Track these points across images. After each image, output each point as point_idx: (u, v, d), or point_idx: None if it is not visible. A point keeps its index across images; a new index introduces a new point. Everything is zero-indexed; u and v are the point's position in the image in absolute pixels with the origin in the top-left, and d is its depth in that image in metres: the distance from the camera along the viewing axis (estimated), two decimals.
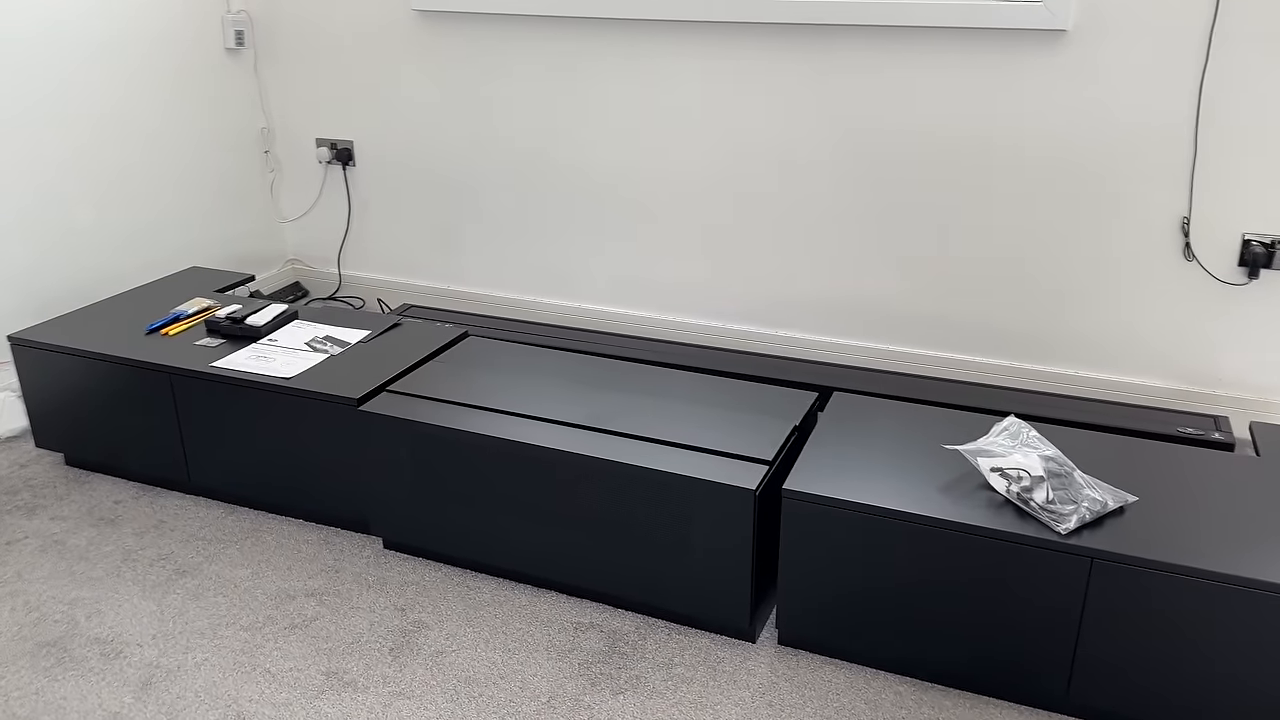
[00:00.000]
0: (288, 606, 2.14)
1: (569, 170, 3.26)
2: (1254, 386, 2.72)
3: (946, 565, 1.80)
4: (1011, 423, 1.96)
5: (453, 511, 2.17)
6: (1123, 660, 1.74)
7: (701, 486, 1.91)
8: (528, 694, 1.89)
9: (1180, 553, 1.67)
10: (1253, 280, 2.65)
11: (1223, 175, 2.59)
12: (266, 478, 2.40)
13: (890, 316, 3.02)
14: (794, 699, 1.87)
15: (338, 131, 3.58)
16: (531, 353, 2.47)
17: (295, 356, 2.43)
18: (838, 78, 2.85)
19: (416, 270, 3.63)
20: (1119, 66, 2.60)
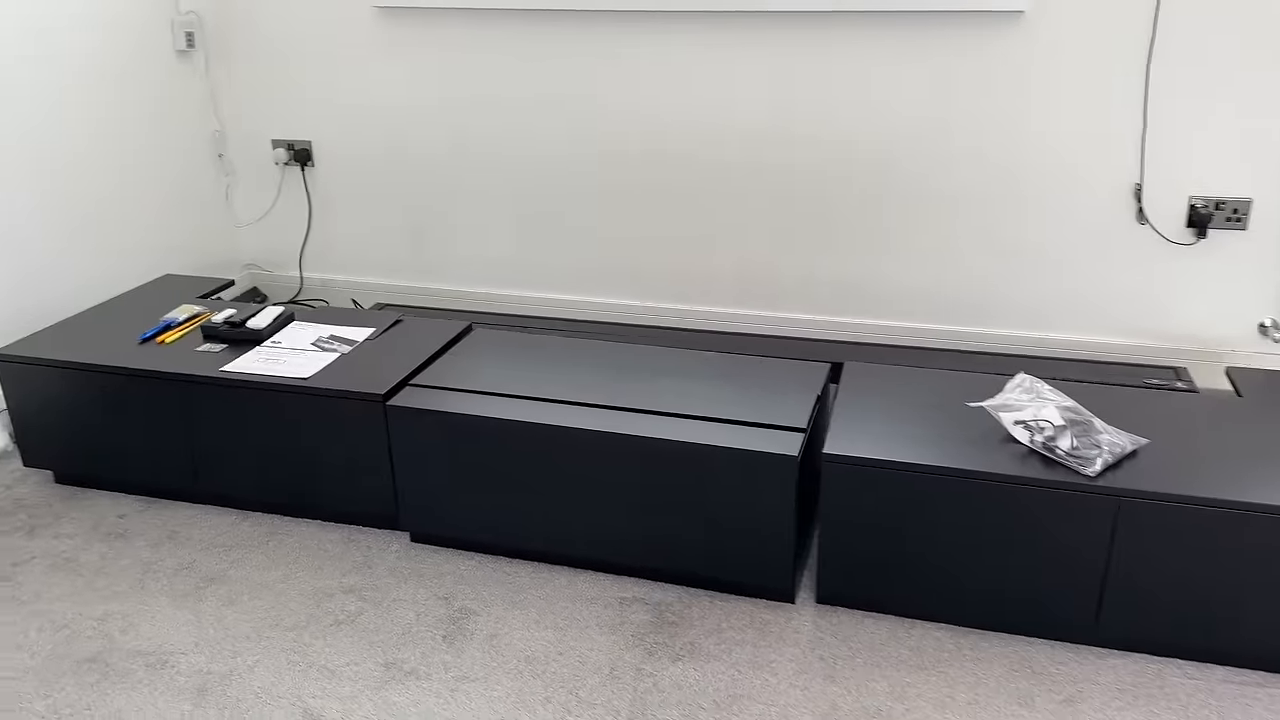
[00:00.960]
0: (328, 604, 2.14)
1: (533, 162, 3.29)
2: (1206, 338, 2.94)
3: (980, 515, 1.91)
4: (1024, 378, 2.09)
5: (486, 500, 2.20)
6: (1148, 592, 1.88)
7: (743, 456, 1.99)
8: (589, 668, 1.94)
9: (1198, 486, 1.82)
10: (1200, 240, 2.86)
11: (1170, 143, 2.79)
12: (282, 480, 2.38)
13: (867, 292, 3.15)
14: (843, 651, 1.97)
15: (295, 132, 3.54)
16: (539, 340, 2.51)
17: (306, 357, 2.42)
18: (808, 63, 2.95)
19: (382, 269, 3.61)
20: (1073, 44, 2.76)
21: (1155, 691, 1.86)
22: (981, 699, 1.85)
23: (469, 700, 1.87)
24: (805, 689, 1.88)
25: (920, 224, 3.03)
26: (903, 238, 3.06)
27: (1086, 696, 1.85)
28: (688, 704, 1.85)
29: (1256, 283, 2.85)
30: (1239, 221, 2.81)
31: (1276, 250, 2.81)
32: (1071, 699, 1.85)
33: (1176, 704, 1.83)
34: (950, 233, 3.02)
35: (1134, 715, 1.81)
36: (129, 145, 3.19)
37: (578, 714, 1.83)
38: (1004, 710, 1.83)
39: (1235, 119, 2.72)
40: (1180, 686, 1.87)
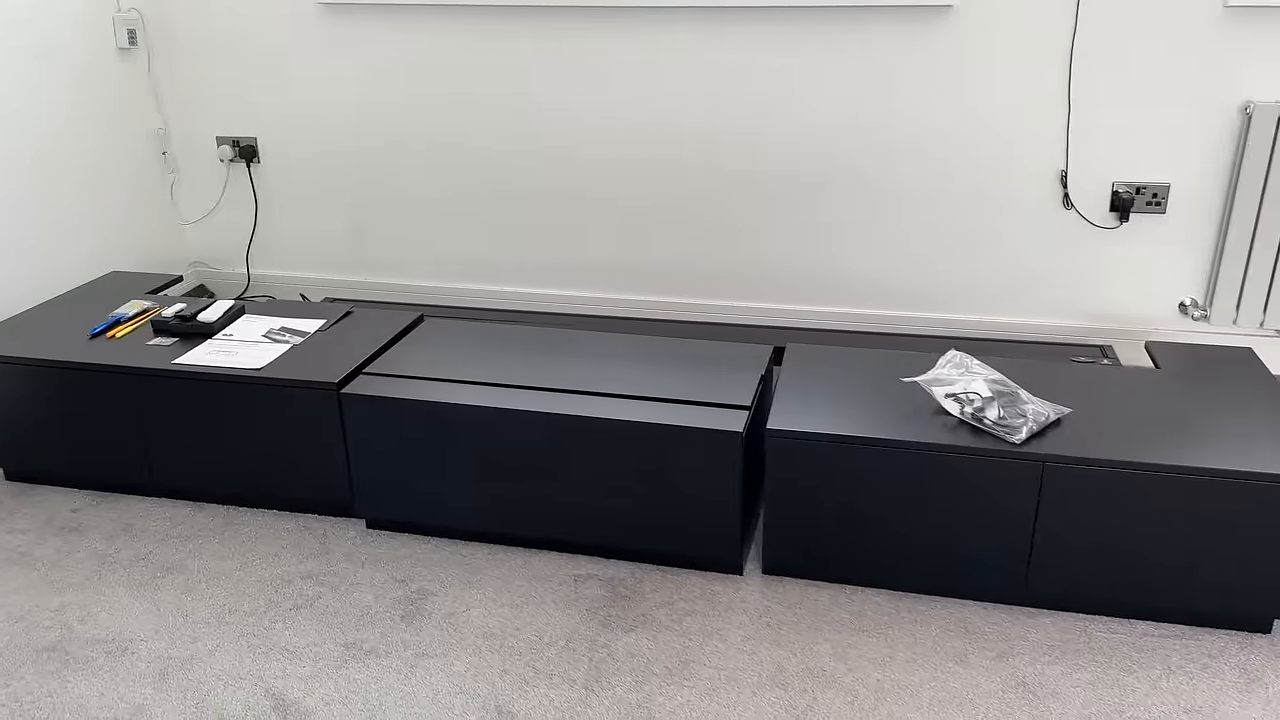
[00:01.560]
0: (286, 590, 2.18)
1: (476, 157, 3.34)
2: (1131, 317, 3.08)
3: (914, 484, 2.01)
4: (954, 354, 2.19)
5: (441, 484, 2.25)
6: (1073, 553, 1.99)
7: (689, 434, 2.07)
8: (546, 640, 2.00)
9: (1117, 450, 1.94)
10: (1123, 224, 3.00)
11: (1093, 132, 2.92)
12: (236, 471, 2.41)
13: (808, 280, 3.24)
14: (788, 617, 2.06)
15: (239, 129, 3.55)
16: (491, 328, 2.56)
17: (257, 349, 2.45)
18: (744, 58, 3.04)
19: (329, 264, 3.64)
20: (1000, 37, 2.88)
21: (1081, 646, 1.98)
22: (919, 657, 1.95)
23: (428, 675, 1.92)
24: (752, 653, 1.96)
25: (857, 214, 3.14)
26: (840, 227, 3.16)
27: (1017, 652, 1.96)
28: (641, 671, 1.92)
29: (1176, 263, 3.00)
30: (1159, 205, 2.95)
31: (1194, 232, 2.96)
32: (1003, 655, 1.95)
33: (1101, 657, 1.95)
34: (885, 221, 3.13)
35: (1061, 668, 1.92)
36: (70, 144, 3.18)
37: (535, 684, 1.89)
38: (940, 667, 1.93)
39: (1153, 107, 2.86)
40: (1104, 641, 1.99)
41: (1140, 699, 1.84)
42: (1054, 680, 1.89)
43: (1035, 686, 1.87)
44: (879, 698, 1.85)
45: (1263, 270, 2.90)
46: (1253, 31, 2.74)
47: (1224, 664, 1.92)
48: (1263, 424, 2.03)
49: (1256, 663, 1.92)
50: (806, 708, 1.83)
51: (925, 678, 1.90)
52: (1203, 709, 1.82)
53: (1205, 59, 2.79)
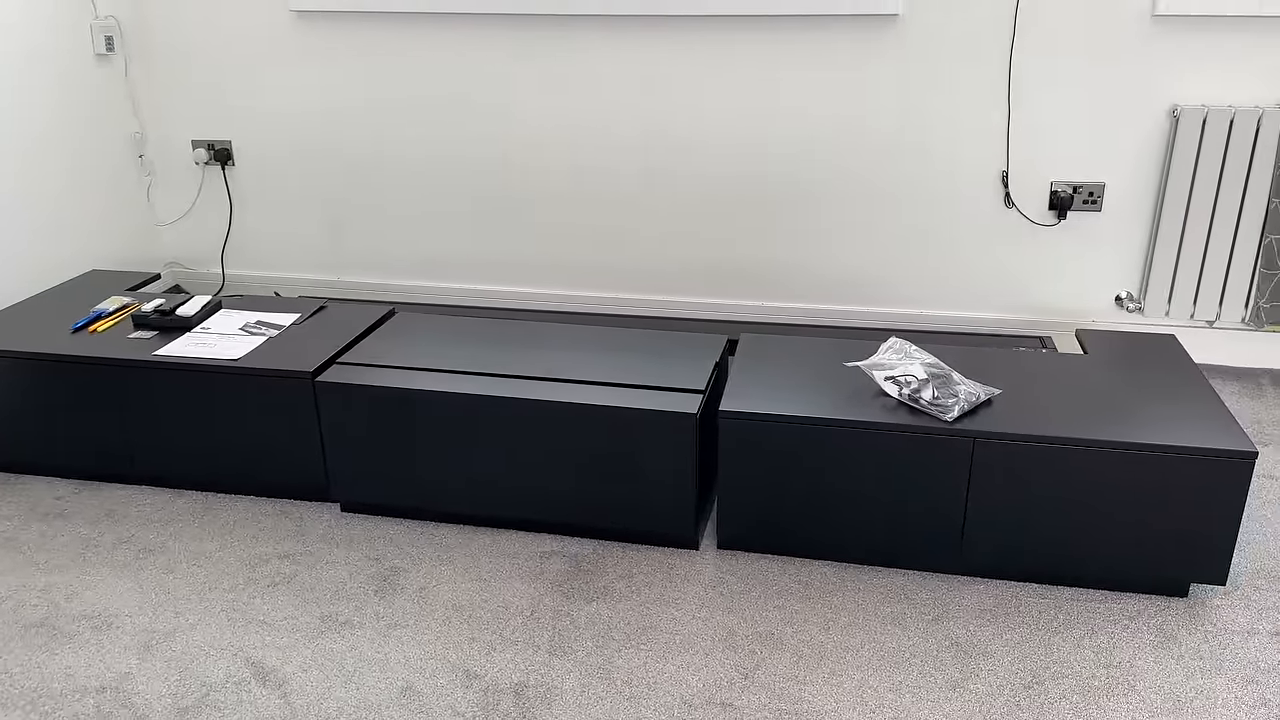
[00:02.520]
0: (264, 569, 2.29)
1: (447, 161, 3.46)
2: (1070, 310, 3.24)
3: (857, 461, 2.15)
4: (895, 341, 2.34)
5: (412, 468, 2.37)
6: (1003, 524, 2.14)
7: (647, 417, 2.20)
8: (512, 611, 2.13)
9: (1043, 427, 2.09)
10: (1061, 221, 3.16)
11: (1032, 133, 3.08)
12: (216, 458, 2.52)
13: (763, 277, 3.39)
14: (740, 588, 2.19)
15: (215, 132, 3.65)
16: (459, 321, 2.68)
17: (235, 341, 2.56)
18: (701, 66, 3.19)
19: (303, 264, 3.74)
20: (944, 44, 3.04)
21: (1011, 610, 2.12)
22: (859, 621, 2.09)
23: (400, 644, 2.04)
24: (706, 620, 2.09)
25: (807, 213, 3.28)
26: (795, 226, 3.31)
27: (951, 616, 2.10)
28: (601, 636, 2.04)
29: (1112, 258, 3.16)
30: (1094, 204, 3.12)
31: (1128, 229, 3.13)
32: (938, 618, 2.10)
33: (1029, 619, 2.09)
34: (834, 220, 3.28)
35: (992, 630, 2.06)
36: (49, 148, 3.27)
37: (501, 650, 2.02)
38: (879, 629, 2.07)
39: (1088, 111, 3.03)
40: (1033, 605, 2.14)
41: (1064, 656, 1.99)
42: (985, 641, 2.03)
43: (967, 646, 2.02)
44: (821, 657, 1.99)
45: (1192, 264, 3.07)
46: (1179, 39, 2.92)
47: (1142, 625, 2.07)
48: (1180, 403, 2.18)
49: (1172, 624, 2.08)
50: (754, 667, 1.96)
51: (865, 639, 2.04)
52: (1121, 665, 1.97)
53: (1136, 65, 2.96)
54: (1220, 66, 2.92)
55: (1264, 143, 2.91)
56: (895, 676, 1.94)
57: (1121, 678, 1.93)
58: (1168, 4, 2.87)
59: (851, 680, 1.93)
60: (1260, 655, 1.98)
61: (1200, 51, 2.92)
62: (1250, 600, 2.14)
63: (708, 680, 1.93)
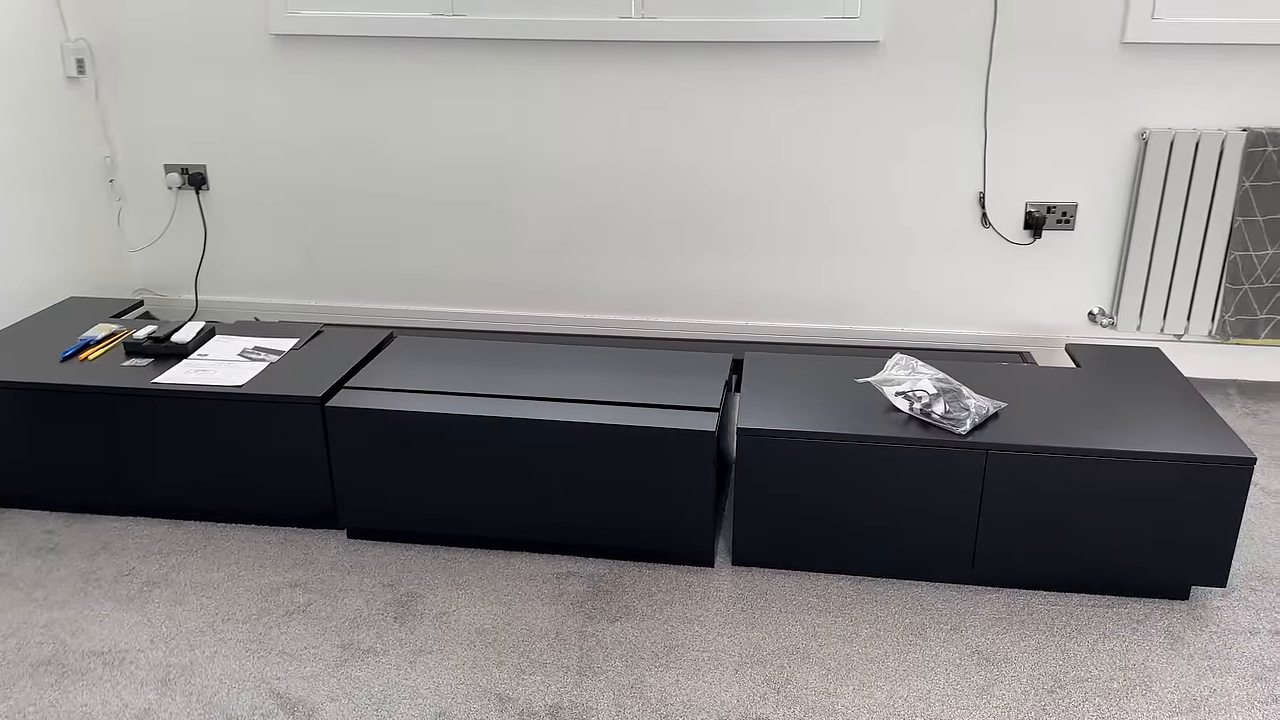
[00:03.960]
0: (276, 598, 2.25)
1: (428, 183, 3.46)
2: (1046, 326, 3.35)
3: (871, 476, 2.20)
4: (901, 357, 2.39)
5: (424, 492, 2.36)
6: (1015, 533, 2.20)
7: (664, 435, 2.22)
8: (536, 633, 2.12)
9: (1052, 438, 2.16)
10: (1036, 240, 3.27)
11: (1007, 156, 3.19)
12: (216, 487, 2.47)
13: (751, 298, 3.44)
14: (760, 603, 2.21)
15: (188, 156, 3.59)
16: (462, 343, 2.68)
17: (235, 367, 2.52)
18: (694, 91, 3.24)
19: (281, 289, 3.69)
20: (923, 69, 3.14)
21: (1025, 618, 2.18)
22: (881, 633, 2.13)
23: (429, 670, 2.02)
24: (731, 636, 2.11)
25: (791, 234, 3.34)
26: (776, 247, 3.37)
27: (969, 625, 2.15)
28: (630, 656, 2.05)
29: (1085, 276, 3.28)
30: (1068, 223, 3.23)
31: (1100, 247, 3.24)
32: (957, 627, 2.14)
33: (1044, 626, 2.15)
34: (817, 241, 3.34)
35: (1010, 638, 2.12)
36: (17, 172, 3.19)
37: (531, 673, 2.01)
38: (901, 640, 2.11)
39: (1061, 134, 3.14)
40: (1045, 612, 2.20)
41: (1081, 660, 2.05)
42: (1004, 648, 2.08)
43: (988, 654, 2.07)
44: (849, 669, 2.02)
45: (1161, 281, 3.19)
46: (1147, 65, 3.05)
47: (1151, 628, 2.14)
48: (1176, 413, 2.27)
49: (1178, 625, 2.15)
50: (785, 681, 1.99)
51: (889, 650, 2.08)
52: (1136, 667, 2.03)
53: (1106, 90, 3.09)
54: (1186, 92, 3.06)
55: (1227, 164, 3.05)
56: (923, 686, 1.98)
57: (1138, 679, 2.00)
58: (1136, 32, 3.00)
59: (882, 691, 1.96)
60: (1265, 653, 2.07)
61: (1167, 77, 3.05)
62: (1249, 601, 2.23)
63: (741, 696, 1.95)
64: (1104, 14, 3.01)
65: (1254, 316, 3.18)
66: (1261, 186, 3.05)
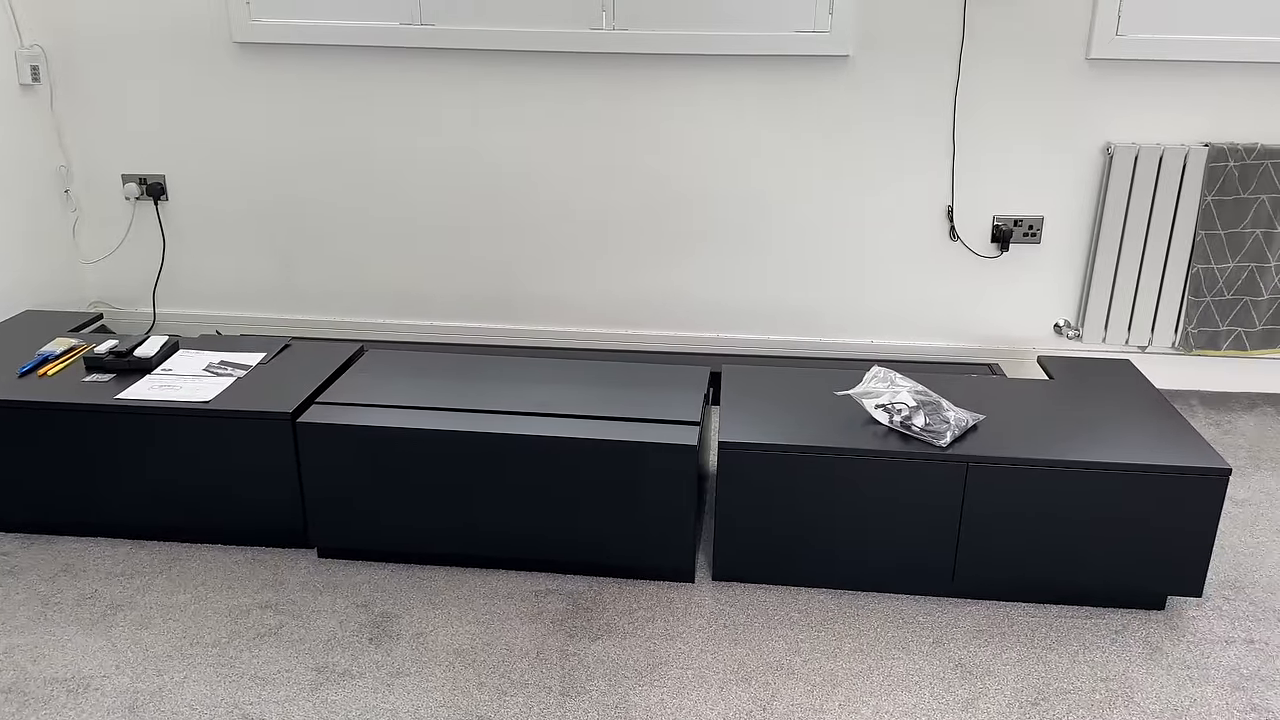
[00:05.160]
0: (246, 620, 2.18)
1: (397, 195, 3.41)
2: (1013, 338, 3.38)
3: (853, 489, 2.19)
4: (879, 370, 2.39)
5: (397, 509, 2.31)
6: (994, 545, 2.20)
7: (645, 449, 2.19)
8: (516, 653, 2.08)
9: (1031, 450, 2.16)
10: (1004, 253, 3.30)
11: (975, 170, 3.22)
12: (181, 505, 2.40)
13: (719, 311, 3.43)
14: (742, 619, 2.19)
15: (147, 166, 3.51)
16: (434, 357, 2.63)
17: (201, 383, 2.45)
18: (662, 106, 3.23)
19: (242, 302, 3.62)
20: (892, 84, 3.15)
21: (1006, 630, 2.18)
22: (864, 647, 2.12)
23: (406, 693, 1.97)
24: (715, 653, 2.09)
25: (760, 247, 3.35)
26: (744, 260, 3.36)
27: (951, 638, 2.15)
28: (613, 675, 2.02)
29: (1051, 288, 3.31)
30: (1034, 236, 3.27)
31: (1066, 260, 3.28)
32: (939, 641, 2.14)
33: (1024, 638, 2.16)
34: (784, 254, 3.35)
35: (991, 650, 2.12)
36: None
37: (513, 694, 1.97)
38: (884, 654, 2.10)
39: (1028, 148, 3.18)
40: (1025, 624, 2.20)
41: (1063, 672, 2.05)
42: (986, 661, 2.08)
43: (971, 667, 2.06)
44: (834, 685, 2.01)
45: (1126, 293, 3.24)
46: (1112, 81, 3.09)
47: (1129, 638, 2.16)
48: (1151, 425, 2.29)
49: (1156, 635, 2.17)
50: (770, 698, 1.97)
51: (872, 665, 2.07)
52: (1117, 678, 2.04)
53: (1072, 105, 3.13)
54: (1150, 107, 3.11)
55: (1190, 179, 3.10)
56: (908, 700, 1.97)
57: (1120, 690, 2.00)
58: (1101, 48, 3.04)
59: (868, 706, 1.95)
60: (1241, 662, 2.09)
61: (1131, 93, 3.10)
62: (1223, 611, 2.25)
63: (726, 714, 1.92)
64: (1070, 31, 3.05)
65: (1216, 328, 3.24)
66: (1223, 201, 3.11)
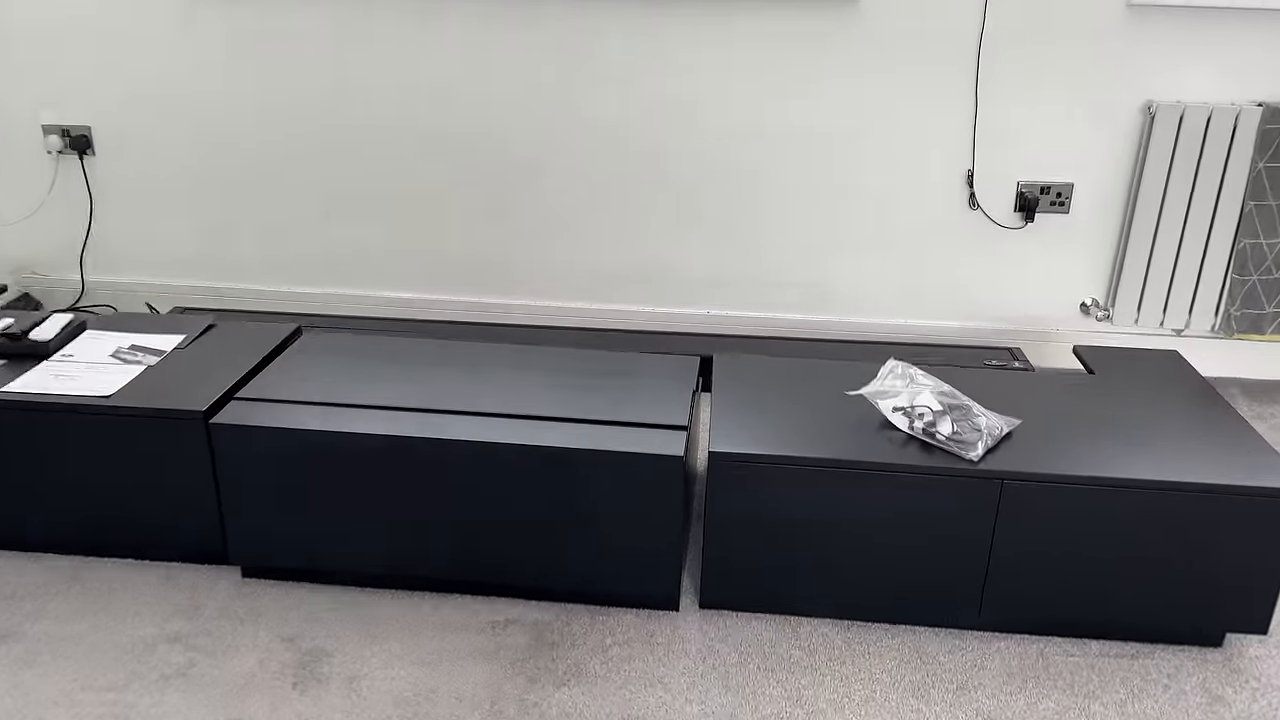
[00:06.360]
0: (150, 658, 1.85)
1: (345, 151, 3.04)
2: (1035, 318, 3.04)
3: (866, 506, 1.87)
4: (895, 364, 2.06)
5: (331, 523, 1.97)
6: (1029, 573, 1.88)
7: (623, 459, 1.86)
8: (468, 705, 1.76)
9: (1075, 465, 1.84)
10: (1028, 224, 2.95)
11: (999, 130, 2.86)
12: (83, 515, 2.06)
13: (714, 284, 3.08)
14: (734, 658, 1.88)
15: (70, 117, 3.12)
16: (381, 341, 2.28)
17: (105, 372, 2.10)
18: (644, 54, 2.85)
19: (181, 269, 3.25)
20: (907, 32, 2.78)
21: (1040, 673, 1.87)
22: (878, 695, 1.80)
23: None
24: (702, 703, 1.77)
25: (759, 214, 2.99)
26: (742, 228, 3.01)
27: (978, 683, 1.84)
28: None
29: (1079, 263, 2.97)
30: (1063, 205, 2.92)
31: (1097, 232, 2.94)
32: (964, 686, 1.83)
33: (1062, 683, 1.84)
34: (787, 222, 2.99)
35: (1025, 699, 1.81)
36: None
37: None
38: (901, 705, 1.78)
39: (1058, 107, 2.82)
40: (1063, 665, 1.89)
41: None
42: (1020, 713, 1.77)
43: None
44: None
45: (1163, 270, 2.90)
46: (1155, 31, 2.73)
47: (1185, 684, 1.85)
48: (1205, 432, 1.97)
49: (1215, 680, 1.86)
50: None
51: (888, 718, 1.75)
52: None
53: (1109, 59, 2.77)
54: (1198, 61, 2.75)
55: (1240, 142, 2.76)
56: None
57: None
58: None
59: None
60: None
61: (1177, 44, 2.74)
62: None
63: None
64: None
65: (1261, 311, 2.91)
66: (1276, 168, 2.76)
